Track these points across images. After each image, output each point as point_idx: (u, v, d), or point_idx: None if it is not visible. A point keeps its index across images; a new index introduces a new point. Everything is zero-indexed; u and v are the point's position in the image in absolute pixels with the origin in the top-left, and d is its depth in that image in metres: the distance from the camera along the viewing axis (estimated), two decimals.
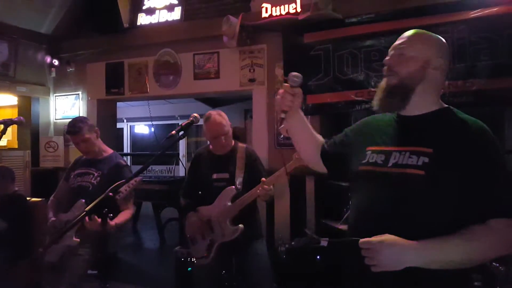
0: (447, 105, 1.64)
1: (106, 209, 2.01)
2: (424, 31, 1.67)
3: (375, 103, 1.68)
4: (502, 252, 1.45)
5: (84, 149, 3.28)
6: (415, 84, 1.59)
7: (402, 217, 1.48)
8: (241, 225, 2.91)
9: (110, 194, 2.01)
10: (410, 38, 1.64)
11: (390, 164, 1.57)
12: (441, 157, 1.47)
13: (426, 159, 1.48)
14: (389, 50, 1.70)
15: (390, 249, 1.41)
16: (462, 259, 1.41)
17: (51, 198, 3.42)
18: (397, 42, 1.67)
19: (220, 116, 3.07)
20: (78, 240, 2.92)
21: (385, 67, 1.68)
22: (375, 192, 1.58)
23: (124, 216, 3.06)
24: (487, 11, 3.87)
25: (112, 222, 2.86)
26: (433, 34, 1.66)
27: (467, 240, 1.40)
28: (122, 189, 2.67)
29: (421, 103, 1.61)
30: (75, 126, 3.21)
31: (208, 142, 3.28)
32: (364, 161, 1.66)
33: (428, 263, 1.41)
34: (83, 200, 2.99)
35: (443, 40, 1.66)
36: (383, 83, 1.67)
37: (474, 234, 1.40)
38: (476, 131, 1.50)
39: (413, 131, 1.61)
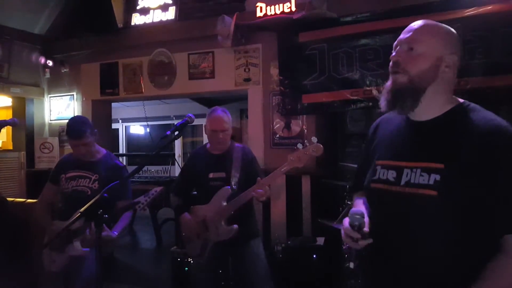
0: (461, 101, 1.50)
1: (101, 210, 1.99)
2: (434, 22, 1.49)
3: (383, 104, 1.52)
4: None
5: (83, 152, 3.04)
6: (426, 84, 1.44)
7: (414, 238, 1.42)
8: (235, 225, 2.90)
9: (105, 195, 2.00)
10: (420, 30, 1.46)
11: (402, 183, 1.45)
12: (453, 173, 1.34)
13: (438, 177, 1.36)
14: (395, 44, 1.51)
15: None
16: None
17: (38, 203, 3.25)
18: (405, 35, 1.48)
19: (224, 112, 3.08)
20: (88, 250, 2.79)
21: (391, 64, 1.49)
22: (387, 212, 1.51)
23: (124, 221, 2.97)
24: (481, 9, 3.88)
25: (114, 233, 2.78)
26: (444, 25, 1.48)
27: (495, 283, 1.31)
28: (142, 200, 2.53)
29: (432, 105, 1.46)
30: (79, 131, 2.95)
31: (206, 141, 3.28)
32: (375, 177, 1.56)
33: None
34: None
35: (455, 32, 1.49)
36: (389, 82, 1.49)
37: (497, 274, 1.31)
38: (494, 136, 1.33)
39: (423, 142, 1.47)
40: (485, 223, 1.32)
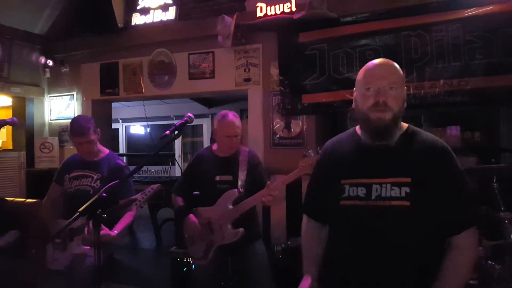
0: (407, 125, 1.75)
1: (100, 210, 1.99)
2: (395, 63, 1.72)
3: (368, 133, 1.72)
4: (475, 258, 1.71)
5: (86, 150, 3.11)
6: (399, 118, 1.70)
7: (391, 247, 1.59)
8: (241, 229, 2.89)
9: (104, 194, 2.00)
10: (397, 73, 1.69)
11: (373, 197, 1.63)
12: (419, 184, 1.58)
13: (408, 189, 1.58)
14: (369, 86, 1.68)
15: None
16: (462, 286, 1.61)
17: (44, 203, 3.30)
18: (384, 78, 1.66)
19: (236, 117, 3.08)
20: (88, 248, 2.80)
21: (381, 103, 1.64)
22: (360, 226, 1.65)
23: (125, 220, 3.00)
24: (481, 10, 3.89)
25: (114, 232, 2.81)
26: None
27: (456, 276, 1.58)
28: (139, 197, 2.53)
29: (392, 133, 1.70)
30: (83, 127, 3.03)
31: (208, 143, 3.27)
32: (344, 195, 1.70)
33: None
34: None
35: None
36: (374, 117, 1.65)
37: (455, 268, 1.58)
38: (442, 152, 1.65)
39: (387, 161, 1.67)
40: (442, 224, 1.59)
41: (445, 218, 1.59)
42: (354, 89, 1.78)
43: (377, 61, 1.74)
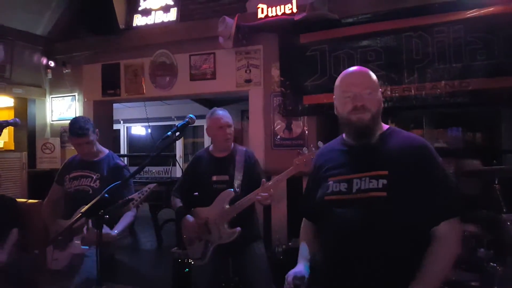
0: (387, 126, 1.89)
1: (102, 211, 1.99)
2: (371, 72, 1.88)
3: (350, 137, 1.87)
4: (457, 251, 1.67)
5: (86, 150, 3.15)
6: (378, 119, 1.84)
7: (370, 235, 1.66)
8: (238, 228, 2.90)
9: (106, 195, 2.00)
10: (372, 79, 1.85)
11: (354, 191, 1.74)
12: (396, 177, 1.68)
13: (385, 181, 1.68)
14: (348, 94, 1.83)
15: None
16: (442, 279, 1.64)
17: (45, 204, 3.34)
18: (362, 83, 1.82)
19: (225, 111, 3.14)
20: (88, 248, 2.85)
21: (359, 106, 1.78)
22: (343, 218, 1.74)
23: (126, 220, 3.02)
24: (483, 11, 3.89)
25: (114, 232, 2.84)
26: None
27: (435, 268, 1.61)
28: (136, 196, 2.53)
29: (373, 132, 1.83)
30: (83, 129, 3.07)
31: (209, 144, 3.29)
32: (328, 191, 1.82)
33: None
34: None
35: None
36: (354, 119, 1.79)
37: (435, 260, 1.62)
38: (419, 147, 1.75)
39: (367, 157, 1.79)
40: (420, 214, 1.65)
41: (424, 209, 1.65)
42: (334, 96, 1.95)
43: (351, 69, 1.90)
